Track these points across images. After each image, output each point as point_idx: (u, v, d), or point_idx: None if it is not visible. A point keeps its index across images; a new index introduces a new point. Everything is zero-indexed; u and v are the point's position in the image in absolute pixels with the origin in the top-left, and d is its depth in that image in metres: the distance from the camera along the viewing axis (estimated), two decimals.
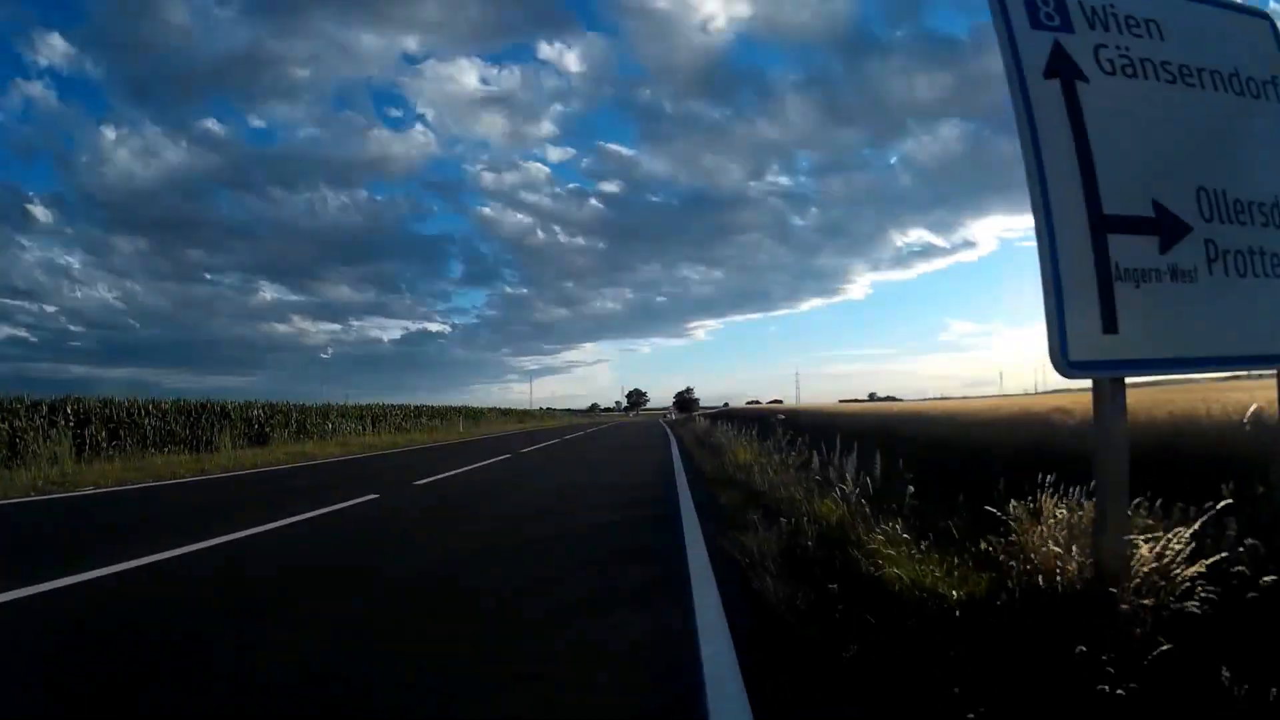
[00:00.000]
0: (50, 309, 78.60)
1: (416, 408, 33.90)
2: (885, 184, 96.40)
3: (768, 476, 6.82)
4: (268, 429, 18.79)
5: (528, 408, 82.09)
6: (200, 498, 8.14)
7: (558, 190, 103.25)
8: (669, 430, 31.03)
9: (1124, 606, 2.23)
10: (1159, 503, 2.74)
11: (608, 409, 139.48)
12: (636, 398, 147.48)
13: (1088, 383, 2.65)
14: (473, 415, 42.47)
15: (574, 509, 6.77)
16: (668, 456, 13.80)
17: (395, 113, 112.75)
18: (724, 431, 16.13)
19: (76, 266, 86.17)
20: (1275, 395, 3.00)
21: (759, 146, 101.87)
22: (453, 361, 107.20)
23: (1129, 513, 2.60)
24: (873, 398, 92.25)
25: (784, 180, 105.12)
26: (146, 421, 14.92)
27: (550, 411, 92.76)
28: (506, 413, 53.27)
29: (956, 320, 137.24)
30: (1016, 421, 6.39)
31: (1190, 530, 2.40)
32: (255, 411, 18.92)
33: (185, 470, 11.50)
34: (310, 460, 14.28)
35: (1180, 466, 3.14)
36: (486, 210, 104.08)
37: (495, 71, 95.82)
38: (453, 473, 10.53)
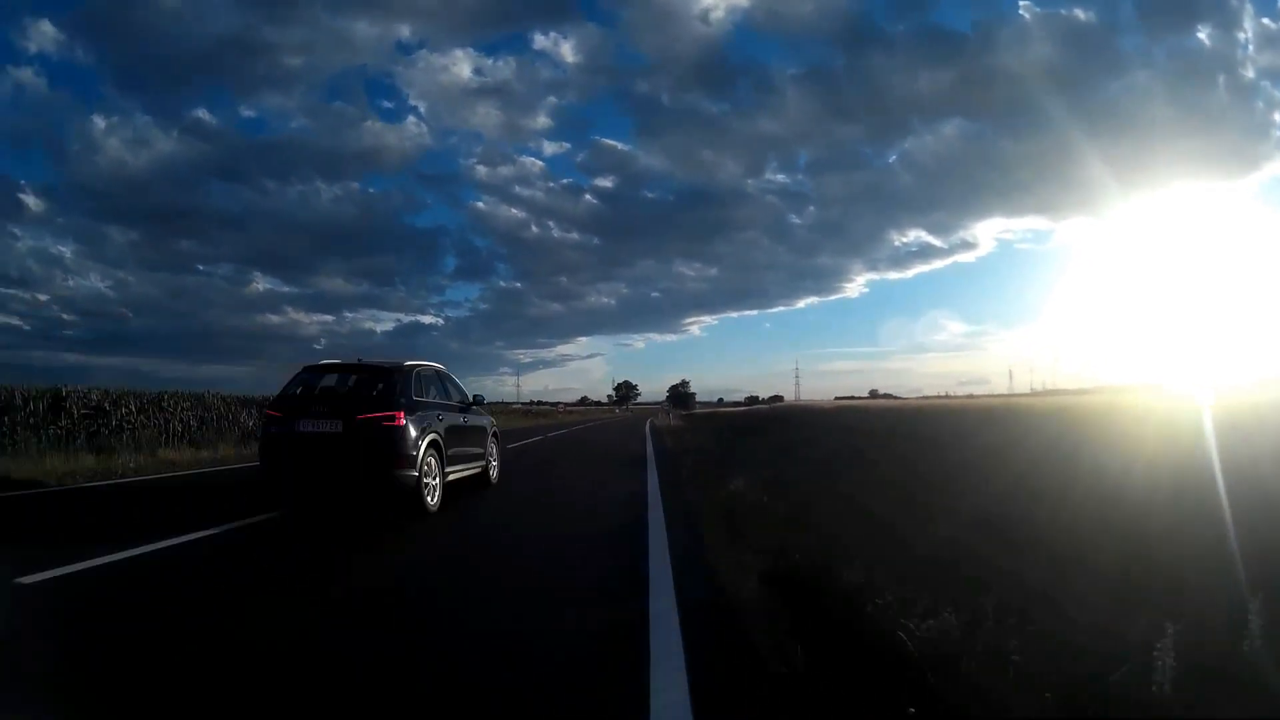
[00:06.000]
0: (43, 298, 77.14)
1: None
2: (884, 183, 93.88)
3: None
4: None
5: (514, 400, 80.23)
6: None
7: (552, 185, 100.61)
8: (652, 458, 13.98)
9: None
10: None
11: (599, 402, 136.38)
12: (625, 391, 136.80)
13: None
14: None
15: None
16: None
17: (388, 104, 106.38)
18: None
19: (69, 256, 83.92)
20: None
21: (757, 142, 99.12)
22: (445, 354, 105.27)
23: None
24: (874, 395, 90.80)
25: (782, 178, 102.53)
26: None
27: (538, 406, 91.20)
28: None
29: (953, 320, 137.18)
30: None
31: None
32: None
33: None
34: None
35: None
36: (480, 204, 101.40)
37: (489, 62, 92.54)
38: None
